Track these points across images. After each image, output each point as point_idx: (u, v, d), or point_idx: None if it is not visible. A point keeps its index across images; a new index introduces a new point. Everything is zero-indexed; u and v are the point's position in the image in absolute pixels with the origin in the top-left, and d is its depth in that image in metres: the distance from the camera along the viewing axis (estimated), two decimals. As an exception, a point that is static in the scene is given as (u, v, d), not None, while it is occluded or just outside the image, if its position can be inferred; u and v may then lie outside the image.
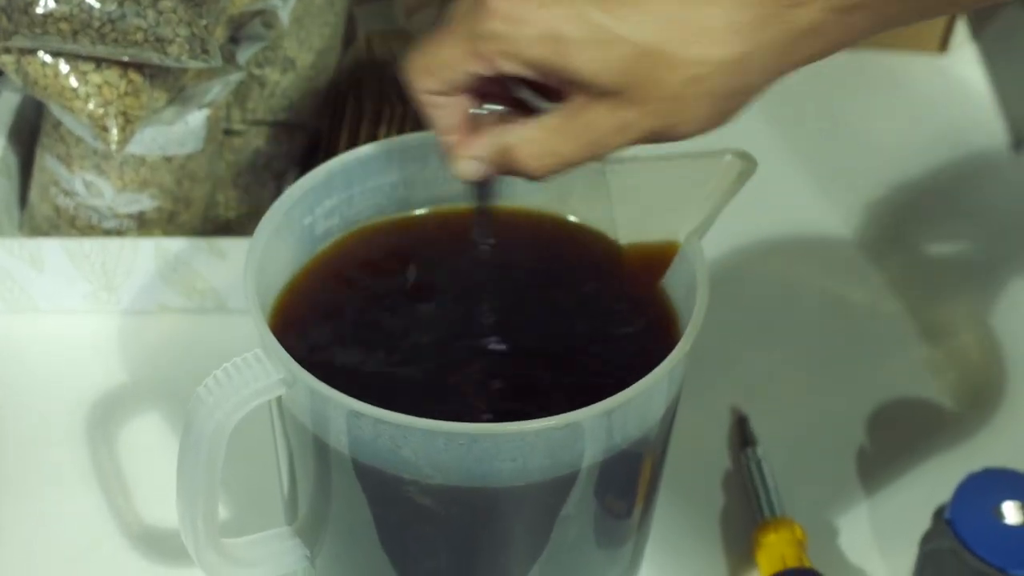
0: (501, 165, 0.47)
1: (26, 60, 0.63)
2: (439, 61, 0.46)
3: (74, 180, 0.69)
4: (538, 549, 0.50)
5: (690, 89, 0.44)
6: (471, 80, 0.46)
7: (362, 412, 0.45)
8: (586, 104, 0.45)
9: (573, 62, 0.44)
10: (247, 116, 0.72)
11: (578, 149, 0.46)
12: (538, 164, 0.46)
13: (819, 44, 0.44)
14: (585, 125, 0.45)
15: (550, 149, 0.46)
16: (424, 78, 0.47)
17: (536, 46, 0.44)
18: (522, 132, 0.46)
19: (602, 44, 0.43)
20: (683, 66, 0.44)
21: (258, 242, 0.50)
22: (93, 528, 0.61)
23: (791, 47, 0.44)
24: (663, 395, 0.48)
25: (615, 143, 0.45)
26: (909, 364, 0.69)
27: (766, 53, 0.44)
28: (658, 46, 0.43)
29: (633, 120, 0.45)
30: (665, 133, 0.45)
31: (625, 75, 0.44)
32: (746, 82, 0.45)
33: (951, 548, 0.55)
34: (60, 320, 0.71)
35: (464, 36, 0.45)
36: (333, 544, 0.52)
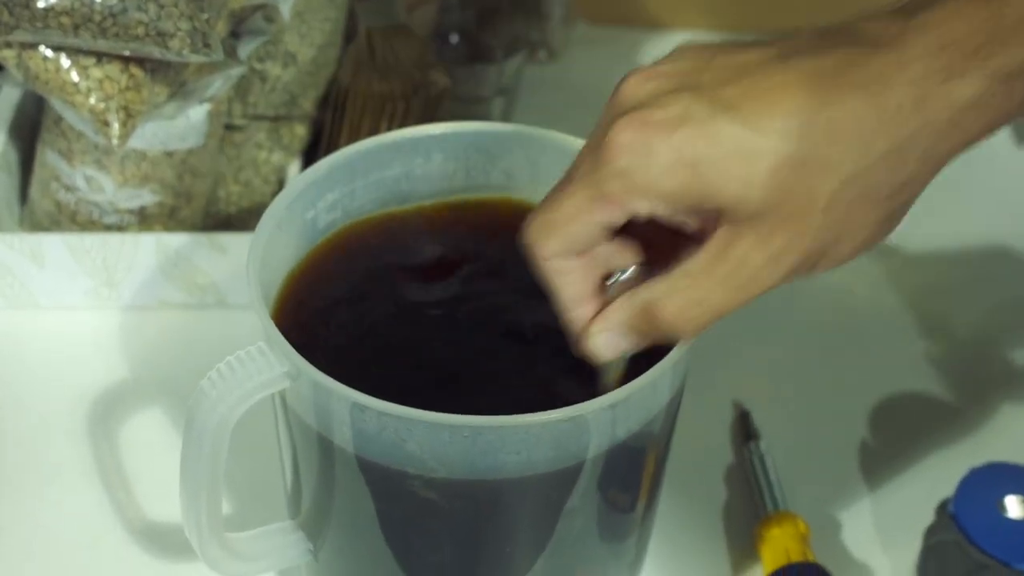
0: (643, 332, 0.42)
1: (27, 55, 0.63)
2: (562, 216, 0.41)
3: (75, 175, 0.69)
4: (542, 543, 0.50)
5: (846, 195, 0.39)
6: (600, 235, 0.41)
7: (366, 405, 0.44)
8: (732, 238, 0.40)
9: (713, 184, 0.39)
10: (248, 111, 0.72)
11: (730, 294, 0.41)
12: (686, 319, 0.41)
13: (984, 118, 0.40)
14: (735, 263, 0.40)
15: (698, 299, 0.41)
16: (547, 238, 0.42)
17: (671, 175, 0.39)
18: (663, 285, 0.41)
19: (742, 158, 0.39)
20: (834, 169, 0.39)
21: (261, 236, 0.50)
22: (95, 523, 0.61)
23: (953, 126, 0.40)
24: (667, 388, 0.48)
25: (770, 279, 0.40)
26: (912, 358, 0.69)
27: (925, 138, 0.39)
28: (803, 152, 0.39)
29: (787, 246, 0.40)
30: (824, 255, 0.41)
31: (772, 189, 0.39)
32: (907, 175, 0.40)
33: (954, 541, 0.55)
34: (61, 316, 0.71)
35: (589, 181, 0.40)
36: (336, 538, 0.52)
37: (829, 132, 0.39)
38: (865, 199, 0.40)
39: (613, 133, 0.40)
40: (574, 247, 0.42)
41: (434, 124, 0.55)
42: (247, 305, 0.63)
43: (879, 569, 0.59)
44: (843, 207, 0.40)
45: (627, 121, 0.40)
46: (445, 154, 0.55)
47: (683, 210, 0.40)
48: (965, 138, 0.41)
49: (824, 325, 0.71)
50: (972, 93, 0.39)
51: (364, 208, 0.55)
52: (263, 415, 0.51)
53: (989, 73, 0.39)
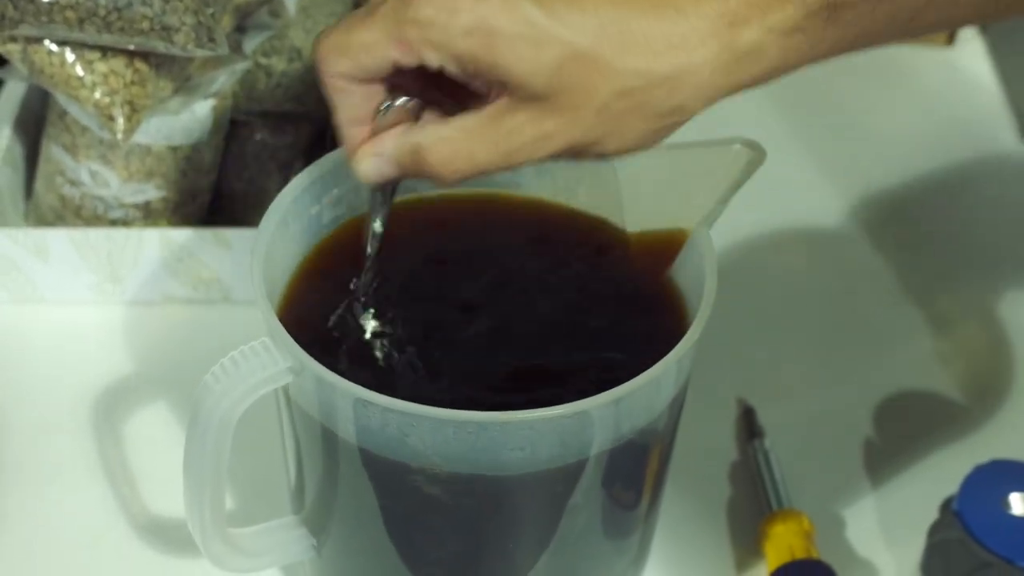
0: (408, 167, 0.44)
1: (32, 49, 0.63)
2: (357, 42, 0.43)
3: (80, 170, 0.69)
4: (545, 539, 0.50)
5: (621, 102, 0.42)
6: (388, 69, 0.43)
7: (370, 400, 0.44)
8: (509, 109, 0.42)
9: (503, 58, 0.41)
10: (253, 106, 0.72)
11: (495, 156, 0.43)
12: (450, 169, 0.43)
13: (758, 67, 0.43)
14: (506, 131, 0.42)
15: (465, 153, 0.43)
16: (337, 58, 0.43)
17: (466, 38, 0.41)
18: (436, 132, 0.43)
19: (535, 42, 0.41)
20: (616, 76, 0.41)
21: (265, 231, 0.50)
22: (99, 518, 0.61)
23: (730, 68, 0.42)
24: (671, 384, 0.48)
25: (535, 154, 0.43)
26: (916, 356, 0.69)
27: (704, 72, 0.42)
28: (593, 51, 0.41)
29: (557, 130, 0.42)
30: (588, 148, 0.43)
31: (555, 78, 0.41)
32: (680, 101, 0.42)
33: (959, 539, 0.55)
34: (65, 310, 0.71)
35: (390, 19, 0.42)
36: (340, 533, 0.52)
37: (620, 42, 0.41)
38: (637, 111, 0.42)
39: None
40: (361, 74, 0.44)
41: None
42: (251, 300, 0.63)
43: (883, 566, 0.59)
44: (615, 112, 0.42)
45: None
46: (449, 149, 0.55)
47: (470, 72, 0.42)
48: (740, 80, 0.43)
49: (828, 323, 0.71)
50: (751, 41, 0.42)
51: (368, 204, 0.55)
52: (267, 411, 0.51)
53: (768, 26, 0.42)
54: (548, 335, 0.51)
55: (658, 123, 0.43)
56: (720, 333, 0.55)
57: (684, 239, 0.51)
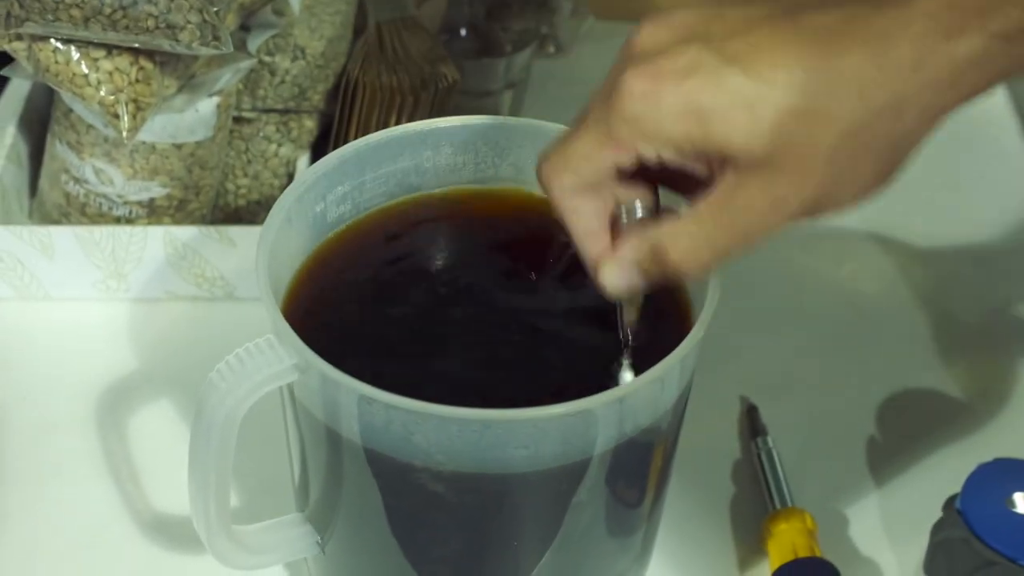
0: (652, 269, 0.44)
1: (37, 47, 0.63)
2: (575, 154, 0.43)
3: (84, 167, 0.69)
4: (549, 537, 0.50)
5: (847, 146, 0.41)
6: (610, 175, 0.44)
7: (374, 398, 0.44)
8: (737, 184, 0.42)
9: (718, 132, 0.41)
10: (257, 104, 0.72)
11: (734, 237, 0.43)
12: (693, 261, 0.43)
13: (983, 77, 0.41)
14: (740, 208, 0.42)
15: (704, 241, 0.43)
16: (560, 175, 0.44)
17: (677, 122, 0.41)
18: (672, 228, 0.43)
19: (748, 109, 0.41)
20: (836, 120, 0.41)
21: (270, 228, 0.50)
22: (103, 515, 0.61)
23: (952, 83, 0.41)
24: (675, 383, 0.48)
25: (772, 224, 0.42)
26: (920, 354, 0.69)
27: (925, 93, 0.41)
28: (807, 103, 0.40)
29: (789, 192, 0.42)
30: (825, 202, 0.42)
31: (775, 138, 0.41)
32: (907, 128, 0.41)
33: (962, 538, 0.55)
34: (70, 307, 0.71)
35: (600, 124, 0.43)
36: (344, 531, 0.52)
37: (831, 85, 0.41)
38: (865, 150, 0.41)
39: (624, 80, 0.42)
40: (585, 184, 0.44)
41: (443, 117, 0.55)
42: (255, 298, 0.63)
43: (886, 565, 0.59)
44: (844, 158, 0.41)
45: (638, 70, 0.42)
46: (454, 147, 0.55)
47: (690, 156, 0.42)
48: (963, 94, 0.42)
49: (832, 321, 0.71)
50: (971, 51, 0.41)
51: (374, 201, 0.55)
52: (271, 409, 0.51)
53: (989, 33, 0.41)
54: (553, 333, 0.51)
55: (889, 156, 0.42)
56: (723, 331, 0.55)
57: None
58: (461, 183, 0.56)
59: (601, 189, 0.44)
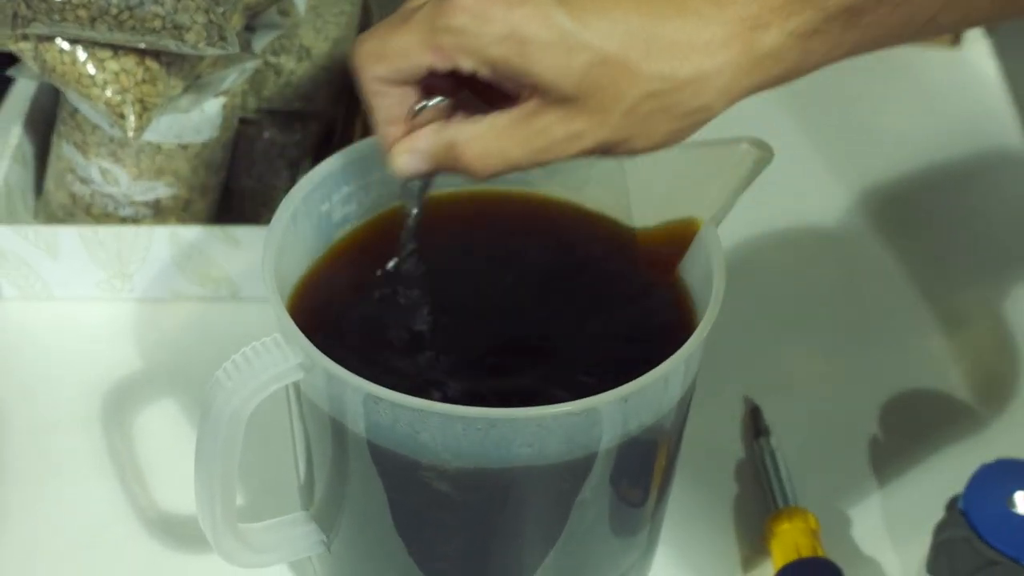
0: (443, 162, 0.46)
1: (44, 47, 0.63)
2: (394, 48, 0.45)
3: (90, 168, 0.69)
4: (553, 536, 0.50)
5: (648, 104, 0.44)
6: (423, 73, 0.45)
7: (380, 397, 0.45)
8: (540, 109, 0.44)
9: (535, 65, 0.43)
10: (262, 105, 0.73)
11: (526, 153, 0.45)
12: (482, 164, 0.45)
13: (778, 69, 0.44)
14: (537, 130, 0.44)
15: (497, 150, 0.45)
16: (375, 63, 0.46)
17: (499, 45, 0.43)
18: (470, 129, 0.45)
19: (565, 49, 0.43)
20: (643, 80, 0.43)
21: (277, 227, 0.50)
22: (108, 514, 0.61)
23: (751, 70, 0.44)
24: (679, 382, 0.49)
25: (565, 151, 0.45)
26: (923, 354, 0.69)
27: (726, 74, 0.44)
28: (620, 56, 0.43)
29: (586, 130, 0.44)
30: (617, 147, 0.45)
31: (584, 82, 0.43)
32: (704, 102, 0.44)
33: (964, 538, 0.55)
34: (75, 307, 0.71)
35: (425, 27, 0.44)
36: (349, 529, 0.52)
37: (647, 47, 0.43)
38: (664, 112, 0.44)
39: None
40: (397, 77, 0.46)
41: (448, 118, 0.55)
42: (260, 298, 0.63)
43: (889, 565, 0.59)
44: (642, 114, 0.44)
45: None
46: (459, 148, 0.55)
47: (502, 77, 0.44)
48: (760, 81, 0.45)
49: (835, 322, 0.71)
50: (771, 44, 0.44)
51: (379, 201, 0.55)
52: (277, 408, 0.51)
53: (789, 30, 0.44)
54: (557, 332, 0.51)
55: (684, 122, 0.45)
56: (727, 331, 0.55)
57: (692, 237, 0.51)
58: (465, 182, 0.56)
59: (408, 83, 0.46)
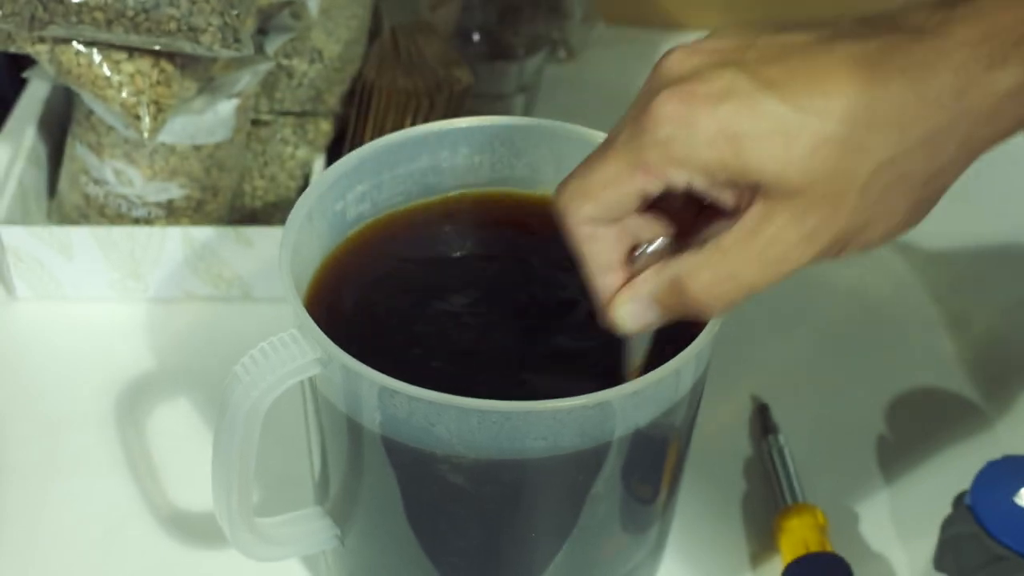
0: (670, 305, 0.42)
1: (59, 49, 0.64)
2: (599, 180, 0.41)
3: (104, 168, 0.69)
4: (565, 530, 0.50)
5: (882, 177, 0.39)
6: (635, 203, 0.41)
7: (396, 390, 0.45)
8: (767, 214, 0.40)
9: (753, 159, 0.39)
10: (275, 106, 0.73)
11: (761, 270, 0.40)
12: (716, 295, 0.41)
13: (1021, 109, 0.40)
14: (768, 240, 0.40)
15: (728, 274, 0.40)
16: (581, 203, 0.41)
17: (710, 147, 0.39)
18: (694, 260, 0.41)
19: (783, 135, 0.39)
20: (872, 152, 0.39)
21: (293, 224, 0.51)
22: (123, 511, 0.61)
23: (992, 115, 0.39)
24: (691, 375, 0.49)
25: (802, 257, 0.40)
26: (930, 352, 0.70)
27: (964, 125, 0.39)
28: (844, 132, 0.39)
29: (820, 225, 0.40)
30: (856, 237, 0.40)
31: (810, 168, 0.39)
32: (944, 162, 0.40)
33: (972, 534, 0.55)
34: (88, 308, 0.71)
35: (629, 149, 0.40)
36: (363, 523, 0.52)
37: (869, 115, 0.39)
38: (901, 183, 0.40)
39: (656, 103, 0.40)
40: (608, 214, 0.42)
41: (460, 118, 0.55)
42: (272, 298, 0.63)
43: (896, 561, 0.60)
44: (879, 190, 0.40)
45: (671, 93, 0.40)
46: (471, 147, 0.56)
47: (720, 184, 0.40)
48: (1004, 126, 0.40)
49: (843, 320, 0.72)
50: (1013, 82, 0.39)
51: (392, 200, 0.55)
52: (292, 404, 0.52)
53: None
54: (570, 327, 0.51)
55: (923, 191, 0.41)
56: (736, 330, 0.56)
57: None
58: (478, 183, 0.56)
59: (621, 221, 0.42)
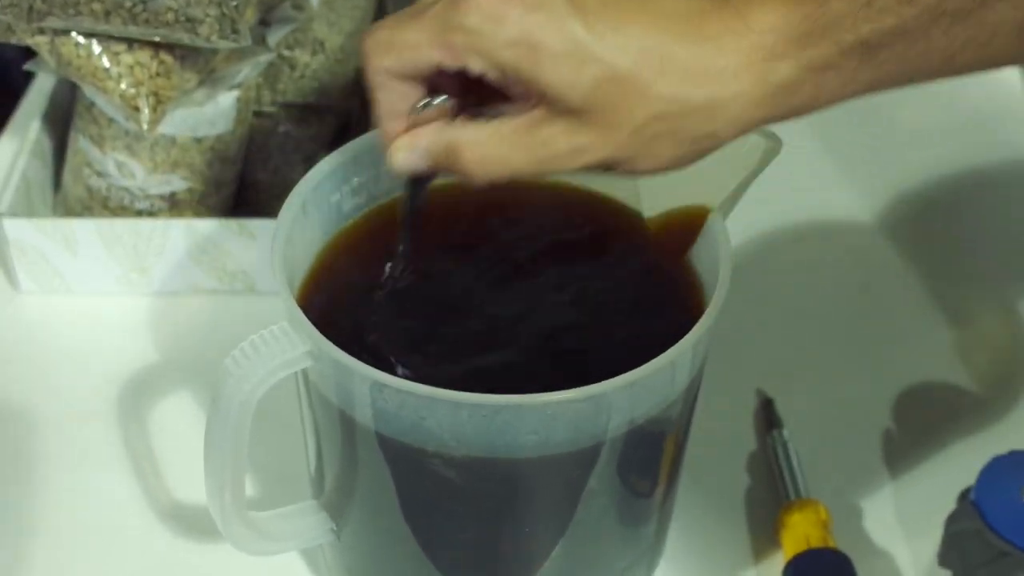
0: (442, 162, 0.46)
1: (59, 41, 0.64)
2: (404, 41, 0.44)
3: (106, 161, 0.69)
4: (561, 525, 0.50)
5: (655, 126, 0.43)
6: (430, 69, 0.45)
7: (386, 383, 0.45)
8: (546, 118, 0.43)
9: (544, 73, 0.42)
10: (277, 98, 0.73)
11: (528, 162, 0.44)
12: (482, 169, 0.45)
13: (790, 102, 0.43)
14: (541, 140, 0.43)
15: (499, 157, 0.44)
16: (383, 54, 0.45)
17: (510, 49, 0.42)
18: (473, 133, 0.45)
19: (577, 60, 0.42)
20: (653, 100, 0.42)
21: (286, 216, 0.51)
22: (124, 504, 0.62)
23: (764, 101, 0.43)
24: (686, 370, 0.49)
25: (567, 164, 0.44)
26: (935, 347, 0.69)
27: (738, 103, 0.43)
28: (632, 74, 0.42)
29: (590, 145, 0.43)
30: (619, 165, 0.44)
31: (593, 96, 0.42)
32: (712, 129, 0.43)
33: (976, 529, 0.54)
34: (92, 301, 0.71)
35: (438, 23, 0.43)
36: (358, 517, 0.52)
37: (660, 68, 0.42)
38: (670, 135, 0.43)
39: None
40: (403, 71, 0.45)
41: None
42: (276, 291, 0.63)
43: (900, 556, 0.59)
44: (649, 135, 0.43)
45: None
46: (469, 139, 0.55)
47: (510, 81, 0.43)
48: (772, 113, 0.44)
49: (848, 314, 0.71)
50: (785, 76, 0.42)
51: (389, 192, 0.55)
52: (287, 398, 0.52)
53: (804, 63, 0.42)
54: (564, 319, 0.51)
55: (689, 148, 0.44)
56: (739, 325, 0.56)
57: (701, 226, 0.51)
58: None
59: (414, 79, 0.45)
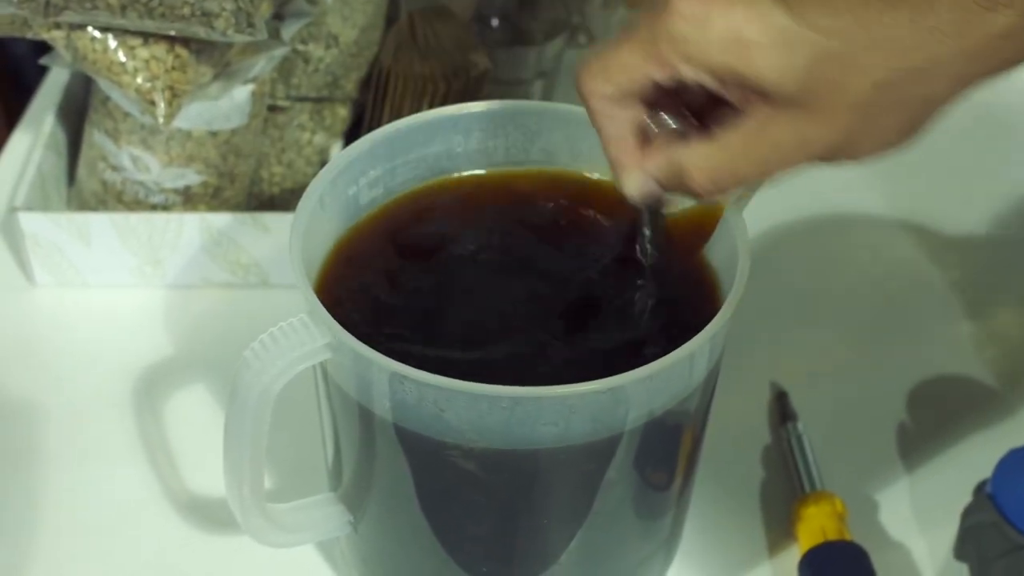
0: (672, 185, 0.46)
1: (75, 35, 0.64)
2: (617, 64, 0.45)
3: (121, 155, 0.69)
4: (578, 517, 0.50)
5: (876, 98, 0.42)
6: (646, 88, 0.45)
7: (406, 376, 0.45)
8: (768, 118, 0.43)
9: (756, 66, 0.42)
10: (291, 92, 0.73)
11: (756, 169, 0.44)
12: (712, 185, 0.45)
13: (1010, 51, 0.42)
14: (767, 142, 0.43)
15: (729, 170, 0.44)
16: (598, 82, 0.45)
17: (719, 49, 0.42)
18: (698, 151, 0.45)
19: (786, 45, 0.42)
20: (867, 71, 0.42)
21: (304, 209, 0.50)
22: (140, 496, 0.62)
23: (983, 53, 0.42)
24: (704, 362, 0.49)
25: (794, 161, 0.44)
26: (951, 340, 0.69)
27: (958, 59, 0.42)
28: (843, 49, 0.42)
29: (815, 134, 0.43)
30: (847, 149, 0.44)
31: (809, 78, 0.42)
32: (936, 90, 0.43)
33: (992, 522, 0.54)
34: (107, 294, 0.71)
35: (645, 38, 0.44)
36: (376, 510, 0.52)
37: (871, 38, 0.42)
38: (893, 106, 0.43)
39: (675, 1, 0.43)
40: (621, 95, 0.45)
41: (474, 102, 0.55)
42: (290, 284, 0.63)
43: (916, 549, 0.59)
44: (871, 109, 0.43)
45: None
46: (485, 132, 0.55)
47: (727, 84, 0.43)
48: (994, 66, 0.43)
49: (863, 308, 0.71)
50: (1007, 24, 0.41)
51: (406, 185, 0.55)
52: (305, 391, 0.52)
53: (1020, 8, 0.41)
54: (582, 311, 0.51)
55: (914, 115, 0.43)
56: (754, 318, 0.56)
57: (717, 221, 0.51)
58: (492, 167, 0.56)
59: (634, 102, 0.46)
